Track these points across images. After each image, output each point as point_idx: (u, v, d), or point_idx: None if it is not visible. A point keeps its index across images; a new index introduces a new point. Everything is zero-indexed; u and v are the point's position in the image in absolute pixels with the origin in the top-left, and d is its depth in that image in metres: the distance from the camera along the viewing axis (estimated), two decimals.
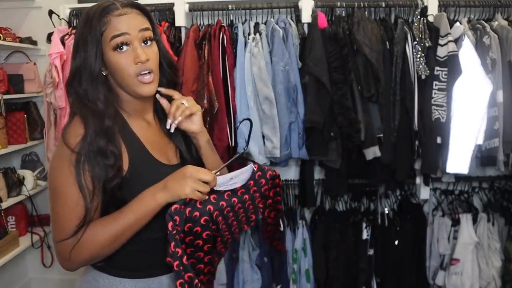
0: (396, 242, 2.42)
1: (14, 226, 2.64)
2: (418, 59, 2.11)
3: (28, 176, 2.65)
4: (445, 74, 2.11)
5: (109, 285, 1.04)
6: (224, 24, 2.27)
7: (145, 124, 1.11)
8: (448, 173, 2.22)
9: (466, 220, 2.39)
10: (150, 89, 1.03)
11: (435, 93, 2.12)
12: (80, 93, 1.00)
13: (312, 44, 2.13)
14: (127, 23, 0.98)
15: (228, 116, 2.19)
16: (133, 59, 0.98)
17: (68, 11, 2.39)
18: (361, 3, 2.26)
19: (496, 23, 2.20)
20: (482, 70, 2.09)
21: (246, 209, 1.14)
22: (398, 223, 2.45)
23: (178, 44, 2.32)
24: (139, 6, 1.03)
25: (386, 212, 2.49)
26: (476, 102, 2.10)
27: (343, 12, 2.33)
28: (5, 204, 2.47)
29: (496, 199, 2.54)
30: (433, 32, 2.15)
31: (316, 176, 2.48)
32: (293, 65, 2.18)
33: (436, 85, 2.12)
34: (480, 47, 2.13)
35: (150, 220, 0.99)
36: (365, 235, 2.43)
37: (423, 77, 2.13)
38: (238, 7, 2.31)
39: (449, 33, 2.11)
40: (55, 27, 2.35)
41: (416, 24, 2.17)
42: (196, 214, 0.99)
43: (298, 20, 2.32)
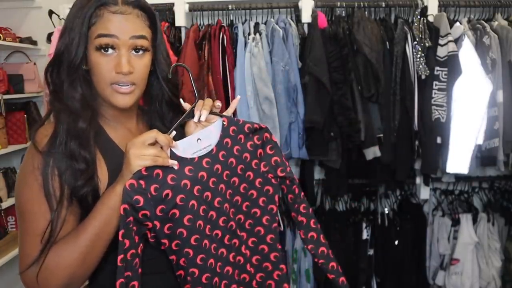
0: (396, 242, 2.42)
1: (14, 226, 2.64)
2: (418, 59, 2.11)
3: None
4: (445, 74, 2.11)
5: None
6: (224, 24, 2.27)
7: (127, 133, 0.98)
8: (448, 173, 2.22)
9: (466, 220, 2.39)
10: (126, 101, 0.89)
11: (435, 93, 2.12)
12: (57, 84, 0.88)
13: (312, 44, 2.13)
14: (120, 25, 0.86)
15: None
16: (114, 66, 0.86)
17: (68, 11, 2.39)
18: (361, 3, 2.26)
19: (496, 23, 2.20)
20: (482, 70, 2.09)
21: (243, 178, 0.96)
22: (398, 223, 2.45)
23: (178, 44, 2.32)
24: (144, 7, 0.90)
25: (386, 212, 2.49)
26: (476, 102, 2.10)
27: (343, 12, 2.33)
28: (5, 204, 2.47)
29: (496, 199, 2.54)
30: (433, 32, 2.15)
31: (316, 176, 2.48)
32: (293, 65, 2.18)
33: (436, 85, 2.12)
34: (480, 47, 2.13)
35: None
36: (365, 235, 2.43)
37: (423, 77, 2.13)
38: (238, 7, 2.31)
39: (449, 33, 2.11)
40: (55, 27, 2.35)
41: (416, 24, 2.17)
42: (168, 193, 0.83)
43: (298, 20, 2.32)
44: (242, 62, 2.16)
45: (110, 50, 0.86)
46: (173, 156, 0.85)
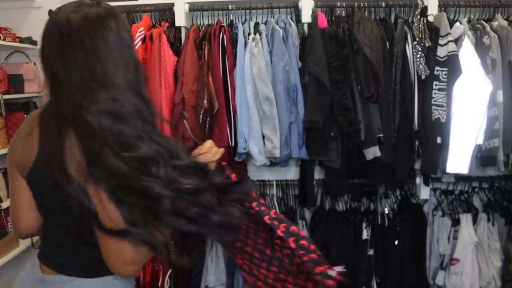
0: (396, 242, 2.42)
1: None
2: (418, 59, 2.11)
3: None
4: (445, 74, 2.11)
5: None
6: (224, 24, 2.27)
7: None
8: (448, 173, 2.22)
9: (466, 220, 2.39)
10: None
11: (435, 93, 2.12)
12: None
13: (312, 44, 2.13)
14: None
15: (228, 116, 2.19)
16: None
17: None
18: (361, 3, 2.26)
19: (496, 23, 2.19)
20: (482, 70, 2.09)
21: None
22: (398, 223, 2.45)
23: (178, 44, 2.32)
24: None
25: (386, 212, 2.49)
26: (476, 102, 2.10)
27: (343, 12, 2.33)
28: (5, 204, 2.47)
29: (496, 199, 2.54)
30: (433, 32, 2.15)
31: (316, 176, 2.48)
32: (293, 65, 2.18)
33: (436, 85, 2.12)
34: (480, 47, 2.13)
35: None
36: (365, 235, 2.43)
37: (423, 77, 2.13)
38: (238, 7, 2.31)
39: (449, 33, 2.11)
40: None
41: (416, 24, 2.17)
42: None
43: (298, 20, 2.32)
44: (242, 62, 2.16)
45: None
46: None
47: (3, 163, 2.67)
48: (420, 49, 2.11)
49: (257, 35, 2.19)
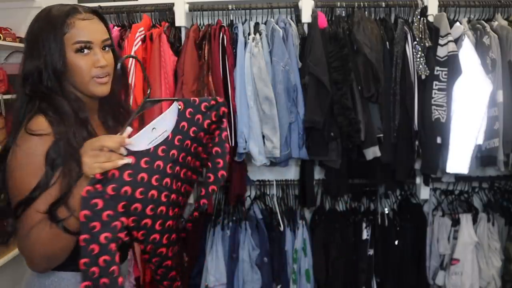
0: (396, 242, 2.42)
1: None
2: (418, 59, 2.11)
3: None
4: (445, 74, 2.11)
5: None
6: (224, 24, 2.27)
7: (94, 124, 1.12)
8: (448, 173, 2.22)
9: (466, 220, 2.39)
10: (105, 89, 1.07)
11: (435, 93, 2.12)
12: (44, 91, 1.01)
13: (312, 44, 2.13)
14: (91, 29, 1.03)
15: (228, 116, 2.19)
16: (94, 63, 1.03)
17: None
18: (361, 3, 2.26)
19: (496, 23, 2.19)
20: (482, 70, 2.09)
21: (195, 154, 1.01)
22: (398, 223, 2.45)
23: (178, 44, 2.32)
24: (99, 14, 1.09)
25: (386, 212, 2.49)
26: (476, 102, 2.10)
27: (343, 12, 2.33)
28: None
29: (496, 199, 2.54)
30: (433, 32, 2.15)
31: (316, 176, 2.48)
32: (293, 65, 2.18)
33: (436, 85, 2.12)
34: (480, 47, 2.13)
35: None
36: (365, 235, 2.43)
37: (423, 77, 2.13)
38: (238, 7, 2.31)
39: (449, 33, 2.11)
40: None
41: (416, 24, 2.16)
42: (126, 189, 0.85)
43: (298, 20, 2.32)
44: (242, 62, 2.16)
45: (86, 50, 1.03)
46: (128, 153, 0.88)
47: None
48: (420, 49, 2.11)
49: (257, 35, 2.19)
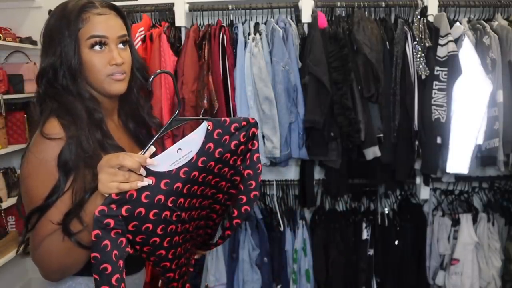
0: (396, 242, 2.42)
1: (14, 226, 2.64)
2: (418, 59, 2.11)
3: None
4: (445, 74, 2.11)
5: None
6: (224, 24, 2.27)
7: (113, 125, 1.07)
8: (448, 173, 2.22)
9: (466, 220, 2.39)
10: (121, 87, 1.01)
11: (435, 93, 2.12)
12: (57, 91, 0.96)
13: (312, 44, 2.13)
14: (107, 24, 0.97)
15: (228, 116, 2.19)
16: (109, 60, 0.97)
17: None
18: (361, 3, 2.26)
19: (496, 23, 2.19)
20: (482, 70, 2.09)
21: (218, 174, 0.96)
22: (398, 223, 2.45)
23: (178, 44, 2.32)
24: (117, 9, 1.03)
25: (386, 212, 2.49)
26: (476, 102, 2.10)
27: (343, 12, 2.33)
28: (5, 204, 2.47)
29: (496, 199, 2.54)
30: (433, 32, 2.15)
31: (316, 176, 2.48)
32: (293, 65, 2.18)
33: (436, 85, 2.12)
34: (480, 47, 2.13)
35: None
36: (365, 235, 2.43)
37: (423, 77, 2.13)
38: (238, 7, 2.31)
39: (449, 33, 2.11)
40: None
41: (416, 24, 2.16)
42: (140, 211, 0.82)
43: (298, 20, 2.32)
44: (242, 62, 2.16)
45: (102, 47, 0.97)
46: (148, 173, 0.83)
47: (3, 163, 2.67)
48: (420, 49, 2.11)
49: (257, 35, 2.19)
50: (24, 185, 0.93)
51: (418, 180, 2.37)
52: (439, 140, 2.15)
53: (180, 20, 2.32)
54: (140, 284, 1.12)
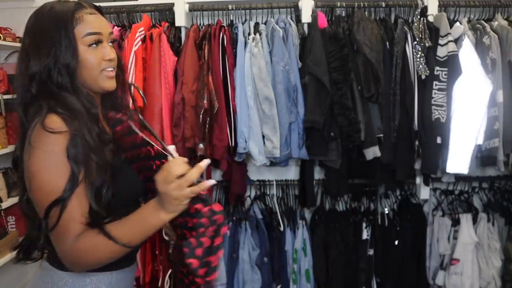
0: (396, 242, 2.42)
1: (14, 226, 2.64)
2: (418, 59, 2.11)
3: None
4: (445, 74, 2.11)
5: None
6: (224, 24, 2.27)
7: (100, 119, 1.11)
8: (448, 173, 2.22)
9: (466, 220, 2.39)
10: (113, 84, 1.07)
11: (435, 93, 2.12)
12: (52, 89, 0.98)
13: (312, 44, 2.13)
14: (100, 23, 1.03)
15: (228, 116, 2.19)
16: (102, 56, 1.02)
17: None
18: (361, 3, 2.26)
19: (496, 23, 2.19)
20: (482, 70, 2.09)
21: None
22: (398, 223, 2.45)
23: (178, 44, 2.32)
24: (100, 9, 1.09)
25: (386, 212, 2.49)
26: (476, 102, 2.10)
27: (343, 12, 2.33)
28: (5, 204, 2.47)
29: (496, 199, 2.54)
30: (433, 32, 2.15)
31: (316, 176, 2.48)
32: (293, 65, 2.18)
33: (436, 85, 2.12)
34: (480, 47, 2.13)
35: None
36: (365, 235, 2.43)
37: (423, 77, 2.13)
38: (238, 7, 2.31)
39: (449, 33, 2.11)
40: None
41: (416, 24, 2.17)
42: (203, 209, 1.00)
43: (298, 20, 2.32)
44: (242, 62, 2.16)
45: (98, 44, 1.03)
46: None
47: (3, 163, 2.67)
48: (420, 49, 2.11)
49: (257, 35, 2.19)
50: (36, 181, 0.92)
51: (418, 180, 2.37)
52: (439, 140, 2.15)
53: (180, 20, 2.32)
54: (131, 279, 1.16)
